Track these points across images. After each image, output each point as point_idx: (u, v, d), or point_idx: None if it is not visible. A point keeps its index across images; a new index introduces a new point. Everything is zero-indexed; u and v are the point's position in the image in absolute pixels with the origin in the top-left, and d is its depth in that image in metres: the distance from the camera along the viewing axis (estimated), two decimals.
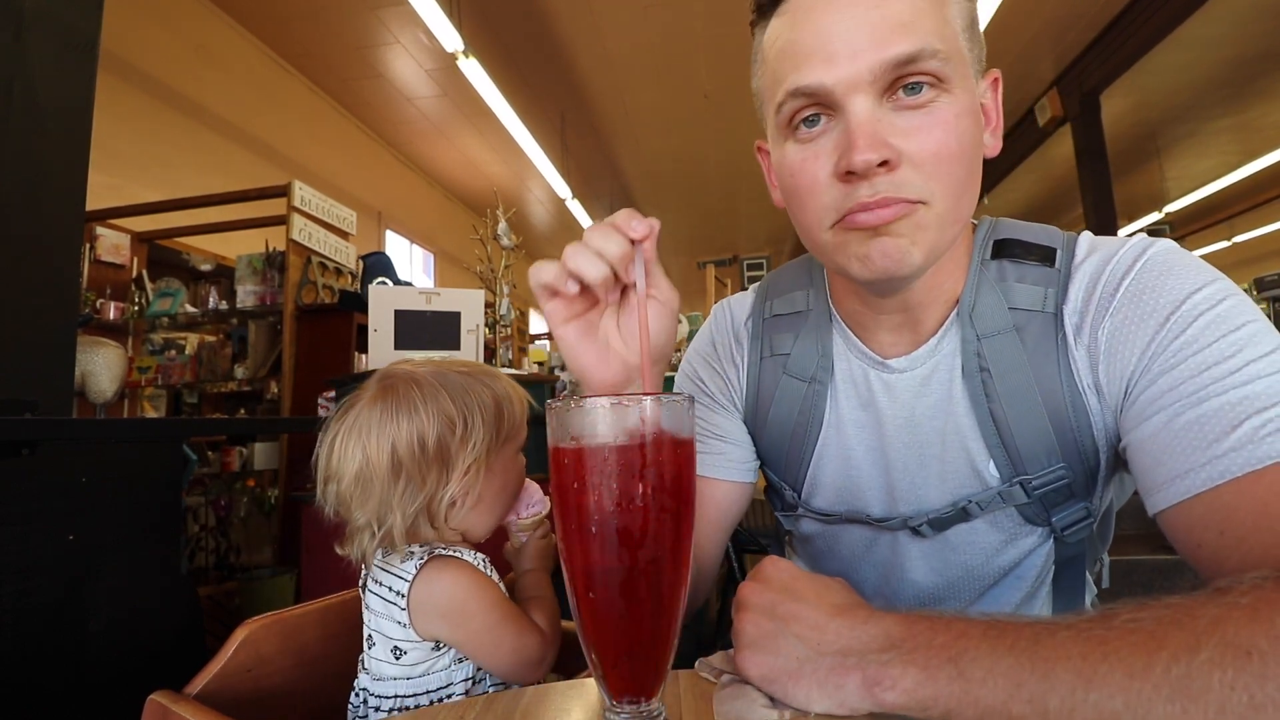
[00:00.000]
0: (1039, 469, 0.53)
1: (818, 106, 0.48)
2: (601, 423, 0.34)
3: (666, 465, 0.34)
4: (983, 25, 0.54)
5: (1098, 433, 0.52)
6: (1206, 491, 0.41)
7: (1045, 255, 0.54)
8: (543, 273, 0.45)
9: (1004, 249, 0.55)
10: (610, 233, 0.44)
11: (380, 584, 0.62)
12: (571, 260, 0.44)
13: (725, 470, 0.66)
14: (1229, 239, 9.56)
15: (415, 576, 0.60)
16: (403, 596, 0.60)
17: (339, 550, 0.65)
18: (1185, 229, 8.92)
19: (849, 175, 0.47)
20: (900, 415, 0.58)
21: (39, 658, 0.90)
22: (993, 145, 0.54)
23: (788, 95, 0.48)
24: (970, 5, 0.51)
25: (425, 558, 0.61)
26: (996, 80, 0.54)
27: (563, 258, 0.44)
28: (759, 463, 0.70)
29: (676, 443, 0.35)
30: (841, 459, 0.62)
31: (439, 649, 0.62)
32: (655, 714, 0.35)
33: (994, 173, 7.12)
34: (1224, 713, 0.29)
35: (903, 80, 0.46)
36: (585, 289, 0.45)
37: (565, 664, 0.71)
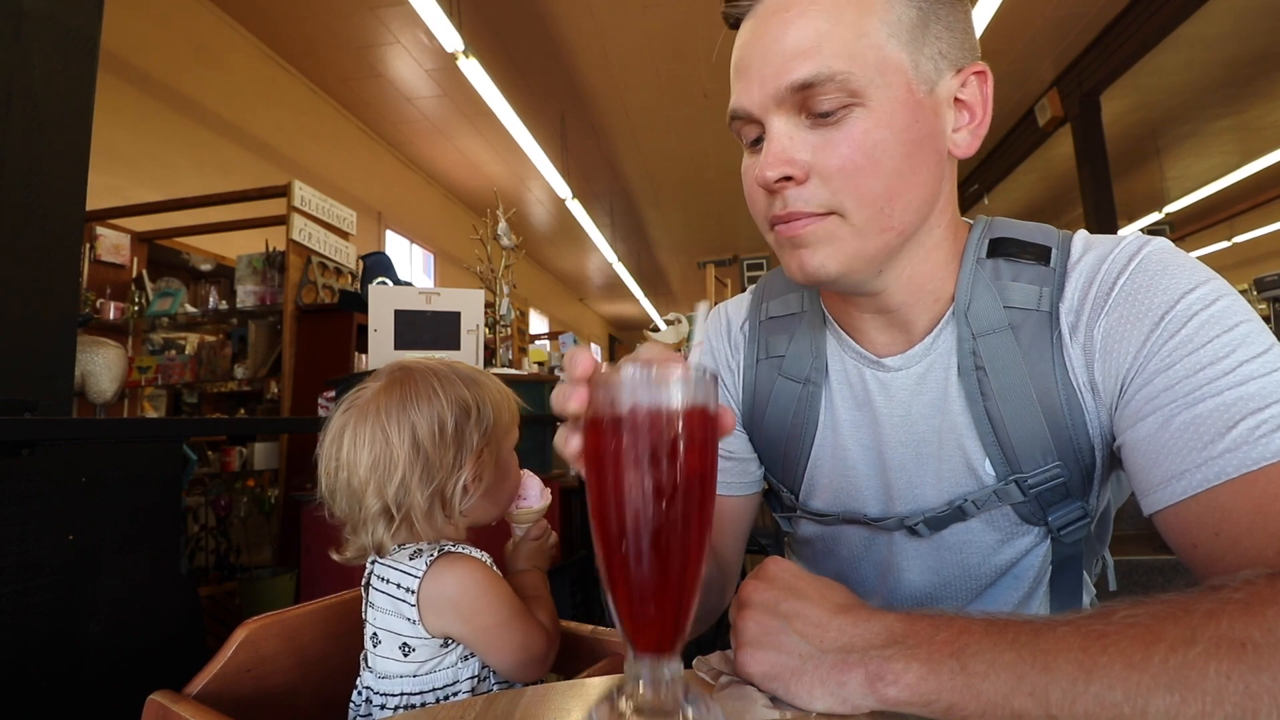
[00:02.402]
0: (1034, 467, 0.53)
1: (753, 125, 0.52)
2: (642, 389, 0.36)
3: (697, 431, 0.36)
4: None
5: (1093, 431, 0.52)
6: (1202, 492, 0.42)
7: (1041, 254, 0.54)
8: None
9: (999, 248, 0.56)
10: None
11: (387, 581, 0.62)
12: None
13: (736, 488, 0.68)
14: (1229, 239, 9.57)
15: (425, 573, 0.60)
16: (412, 593, 0.60)
17: (336, 557, 0.66)
18: (1185, 229, 8.92)
19: (766, 188, 0.51)
20: (896, 414, 0.58)
21: (39, 658, 0.90)
22: (967, 143, 0.52)
23: (730, 116, 0.53)
24: (913, 9, 0.48)
25: (435, 555, 0.62)
26: (983, 74, 0.51)
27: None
28: (764, 470, 0.70)
29: (705, 412, 0.37)
30: (838, 459, 0.62)
31: (447, 646, 0.62)
32: (674, 670, 0.36)
33: (994, 173, 7.12)
34: (1221, 702, 0.29)
35: (809, 99, 0.48)
36: None
37: (565, 664, 0.71)
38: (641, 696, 0.35)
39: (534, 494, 0.75)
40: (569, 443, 0.39)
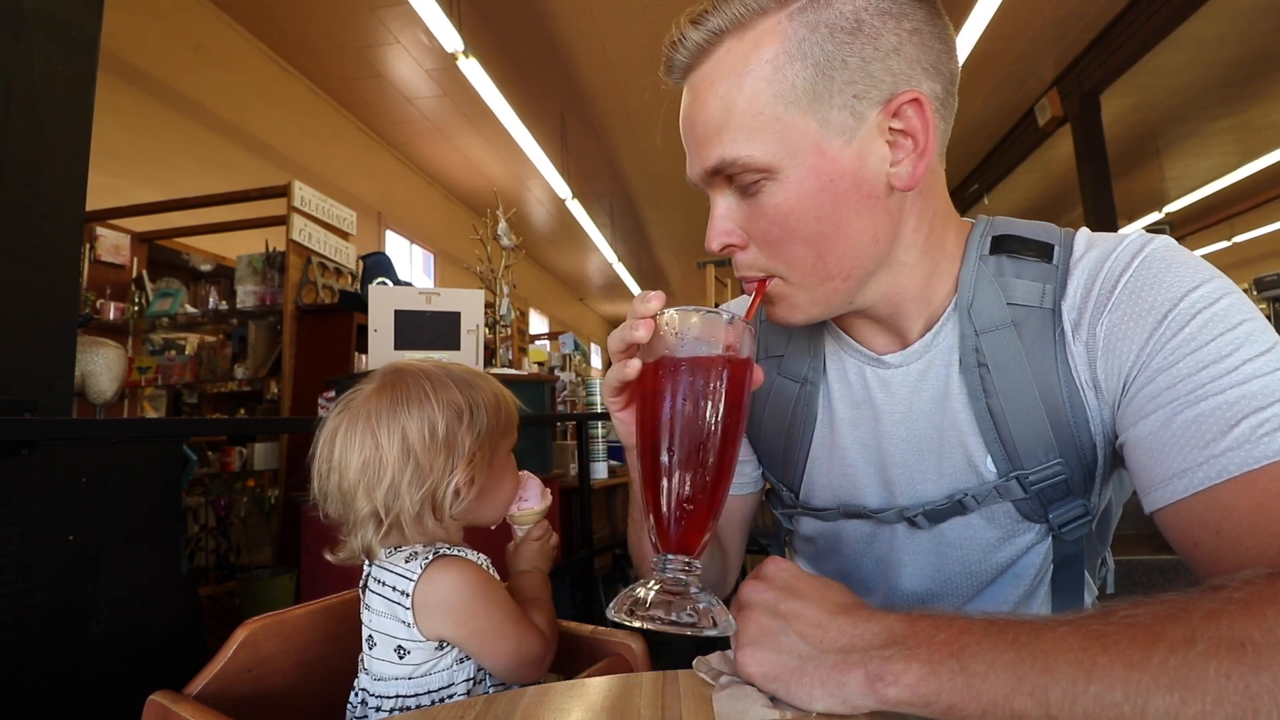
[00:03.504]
0: (1036, 464, 0.53)
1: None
2: (704, 328, 0.44)
3: (742, 370, 0.44)
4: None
5: (1095, 429, 0.52)
6: (1204, 491, 0.42)
7: (1043, 251, 0.54)
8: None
9: (1002, 245, 0.56)
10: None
11: (383, 584, 0.62)
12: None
13: (735, 487, 0.68)
14: (1229, 239, 9.56)
15: (420, 576, 0.60)
16: (407, 596, 0.60)
17: (330, 557, 0.65)
18: (1185, 229, 8.92)
19: None
20: (897, 411, 0.59)
21: (39, 658, 0.90)
22: (909, 174, 0.49)
23: None
24: (809, 68, 0.46)
25: (430, 557, 0.62)
26: (917, 101, 0.48)
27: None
28: (762, 470, 0.71)
29: (749, 358, 0.45)
30: (836, 457, 0.62)
31: (442, 648, 0.62)
32: (697, 568, 0.43)
33: (994, 173, 7.12)
34: (1221, 702, 0.29)
35: (730, 177, 0.51)
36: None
37: (565, 664, 0.71)
38: (662, 578, 0.42)
39: (534, 495, 0.74)
40: (627, 366, 0.46)
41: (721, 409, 0.43)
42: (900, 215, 0.52)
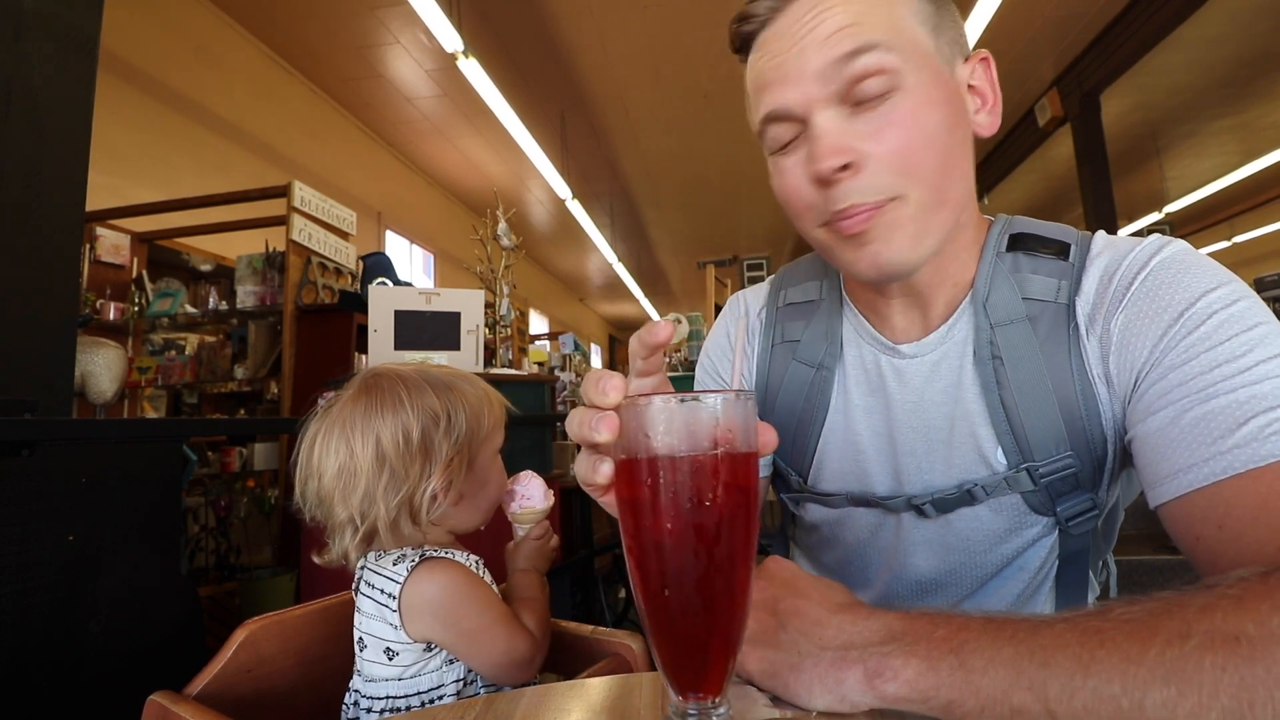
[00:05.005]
0: (1046, 457, 0.54)
1: (790, 125, 0.52)
2: (682, 422, 0.32)
3: (741, 463, 0.32)
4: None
5: (1106, 423, 0.53)
6: (1208, 486, 0.42)
7: (1060, 249, 0.56)
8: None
9: (1019, 242, 0.57)
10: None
11: (372, 586, 0.62)
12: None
13: None
14: (1229, 239, 9.57)
15: (407, 578, 0.60)
16: (394, 598, 0.60)
17: (317, 560, 0.65)
18: (1185, 229, 8.92)
19: (821, 182, 0.50)
20: (909, 400, 0.59)
21: (39, 658, 0.90)
22: (988, 123, 0.55)
23: (762, 123, 0.53)
24: (933, 7, 0.52)
25: (417, 560, 0.61)
26: (986, 60, 0.55)
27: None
28: (772, 456, 0.70)
29: (748, 440, 0.33)
30: (849, 443, 0.63)
31: (431, 650, 0.62)
32: (722, 714, 0.33)
33: (994, 172, 7.12)
34: (1217, 695, 0.30)
35: (855, 84, 0.48)
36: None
37: (565, 664, 0.71)
38: None
39: (537, 494, 0.74)
40: (598, 470, 0.34)
41: (722, 522, 0.31)
42: (972, 166, 0.55)
